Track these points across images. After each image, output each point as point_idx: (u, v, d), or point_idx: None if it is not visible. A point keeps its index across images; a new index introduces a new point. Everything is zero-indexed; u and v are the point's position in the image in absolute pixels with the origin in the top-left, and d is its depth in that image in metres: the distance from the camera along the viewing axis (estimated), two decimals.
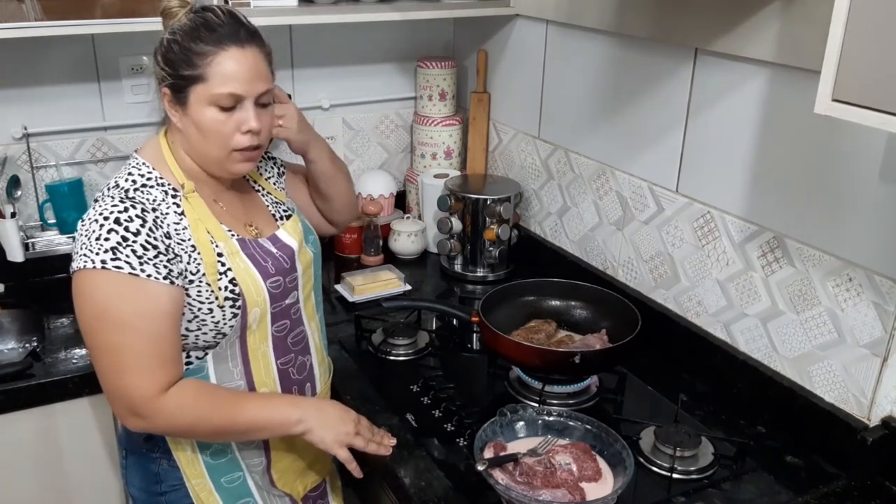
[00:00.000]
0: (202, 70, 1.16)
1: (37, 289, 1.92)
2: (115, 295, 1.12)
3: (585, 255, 1.91)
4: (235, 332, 1.23)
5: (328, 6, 1.86)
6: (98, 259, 1.11)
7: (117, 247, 1.11)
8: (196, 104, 1.18)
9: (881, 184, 1.22)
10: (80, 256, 1.12)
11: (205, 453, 1.28)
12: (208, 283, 1.19)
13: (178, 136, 1.24)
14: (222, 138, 1.20)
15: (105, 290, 1.12)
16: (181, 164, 1.24)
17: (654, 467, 1.30)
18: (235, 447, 1.30)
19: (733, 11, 1.38)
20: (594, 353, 1.47)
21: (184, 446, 1.27)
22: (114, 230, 1.12)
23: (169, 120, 1.25)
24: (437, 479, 1.27)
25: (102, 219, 1.13)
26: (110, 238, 1.11)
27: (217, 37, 1.16)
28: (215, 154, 1.22)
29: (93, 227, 1.13)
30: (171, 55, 1.17)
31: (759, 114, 1.40)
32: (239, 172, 1.26)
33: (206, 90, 1.16)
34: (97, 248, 1.11)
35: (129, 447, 1.32)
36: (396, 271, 2.02)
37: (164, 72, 1.18)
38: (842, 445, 1.31)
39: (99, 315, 1.12)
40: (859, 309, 1.27)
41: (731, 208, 1.48)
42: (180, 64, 1.16)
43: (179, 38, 1.17)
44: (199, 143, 1.21)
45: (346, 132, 2.27)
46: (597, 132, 1.81)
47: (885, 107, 0.85)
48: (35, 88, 1.88)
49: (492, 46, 2.16)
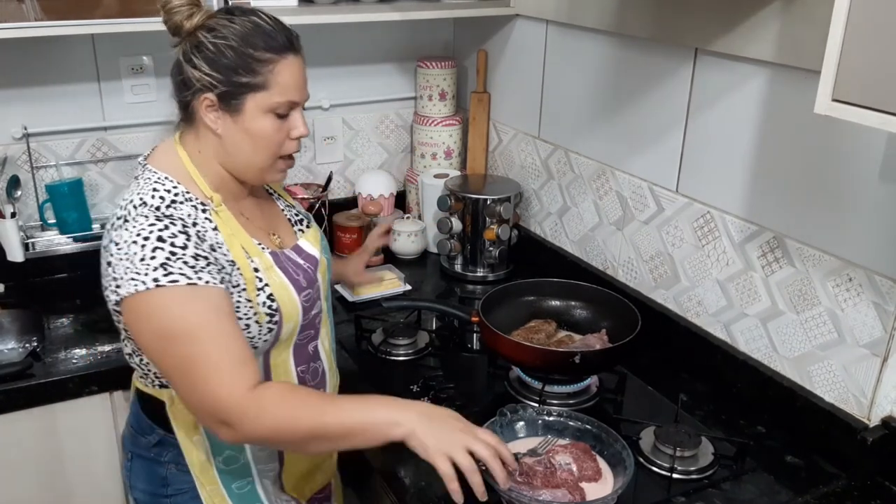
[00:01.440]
0: (264, 78, 1.13)
1: (37, 289, 1.92)
2: (175, 309, 1.06)
3: (585, 255, 1.92)
4: (266, 346, 1.22)
5: (328, 6, 1.86)
6: (149, 279, 1.05)
7: (167, 262, 1.06)
8: (252, 112, 1.15)
9: (881, 184, 1.22)
10: (128, 281, 1.06)
11: (217, 459, 1.25)
12: (248, 300, 1.16)
13: (209, 143, 1.19)
14: (274, 146, 1.19)
15: (164, 308, 1.06)
16: (205, 174, 1.19)
17: (654, 467, 1.30)
18: (249, 453, 1.27)
19: (733, 11, 1.38)
20: (594, 353, 1.47)
21: (198, 451, 1.24)
22: (159, 248, 1.07)
23: (189, 127, 1.20)
24: (438, 479, 1.26)
25: (142, 239, 1.08)
26: (157, 256, 1.06)
27: (277, 44, 1.14)
28: (262, 162, 1.19)
29: (133, 249, 1.07)
30: (225, 61, 1.12)
31: (759, 114, 1.40)
32: (277, 180, 1.26)
33: (267, 98, 1.14)
34: (145, 269, 1.06)
35: (135, 451, 1.30)
36: (396, 271, 2.02)
37: (211, 78, 1.13)
38: (842, 445, 1.31)
39: (164, 334, 1.07)
40: (859, 309, 1.27)
41: (731, 208, 1.48)
42: (237, 70, 1.13)
43: (235, 44, 1.12)
44: (246, 152, 1.18)
45: (346, 132, 2.27)
46: (597, 132, 1.81)
47: (885, 107, 0.85)
48: (35, 88, 1.88)
49: (492, 46, 2.16)
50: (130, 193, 1.15)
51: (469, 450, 1.06)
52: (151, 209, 1.11)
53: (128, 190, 1.17)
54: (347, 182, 2.33)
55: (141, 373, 1.24)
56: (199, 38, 1.14)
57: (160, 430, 1.25)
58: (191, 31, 1.14)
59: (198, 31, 1.14)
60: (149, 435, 1.26)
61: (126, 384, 1.59)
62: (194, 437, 1.24)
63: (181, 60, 1.16)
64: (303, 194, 2.11)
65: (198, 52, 1.14)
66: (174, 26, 1.15)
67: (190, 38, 1.15)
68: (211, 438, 1.24)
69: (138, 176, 1.18)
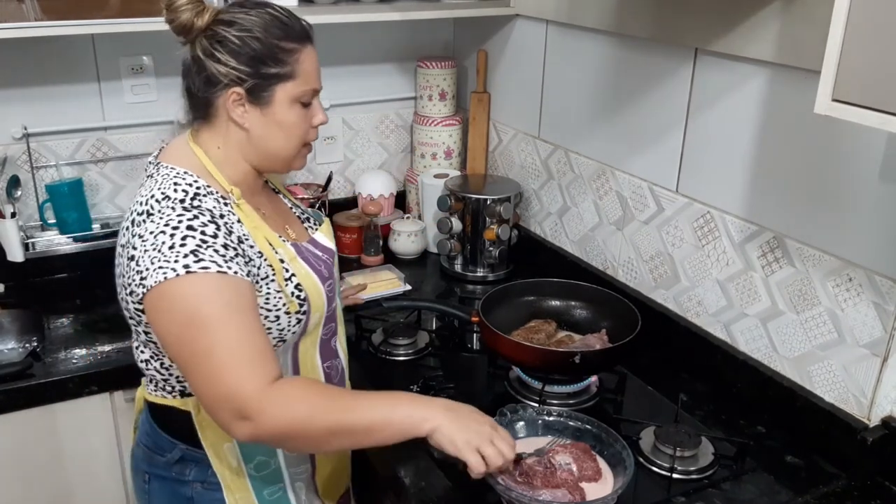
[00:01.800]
0: (291, 67, 1.13)
1: (37, 289, 1.91)
2: (202, 296, 1.03)
3: (585, 255, 1.91)
4: (294, 338, 1.21)
5: (328, 6, 1.86)
6: (180, 265, 1.02)
7: (197, 249, 1.04)
8: (281, 103, 1.15)
9: (881, 184, 1.22)
10: (156, 271, 1.03)
11: (249, 466, 1.22)
12: (277, 290, 1.15)
13: (232, 138, 1.17)
14: (301, 134, 1.20)
15: (192, 295, 1.03)
16: (223, 170, 1.18)
17: (654, 467, 1.30)
18: (281, 457, 1.25)
19: (733, 11, 1.38)
20: (594, 353, 1.47)
21: (230, 459, 1.21)
22: (189, 236, 1.05)
23: (206, 124, 1.18)
24: (437, 479, 1.27)
25: (171, 229, 1.05)
26: (187, 243, 1.04)
27: (297, 33, 1.15)
28: (290, 152, 1.20)
29: (161, 238, 1.05)
30: (252, 53, 1.11)
31: (759, 114, 1.40)
32: (300, 167, 1.26)
33: (295, 88, 1.15)
34: (174, 256, 1.03)
35: (153, 471, 1.24)
36: (396, 271, 2.02)
37: (239, 72, 1.12)
38: (842, 445, 1.31)
39: (187, 321, 1.03)
40: (859, 309, 1.27)
41: (731, 208, 1.48)
42: (265, 61, 1.12)
43: (260, 35, 1.11)
44: (276, 143, 1.18)
45: (346, 132, 2.27)
46: (597, 132, 1.81)
47: (885, 107, 0.85)
48: (35, 88, 1.88)
49: (492, 46, 2.15)
50: (147, 190, 1.12)
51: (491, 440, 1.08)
52: (176, 202, 1.09)
53: (142, 188, 1.15)
54: (347, 182, 2.33)
55: (159, 382, 1.20)
56: (219, 32, 1.12)
57: (182, 444, 1.21)
58: (203, 27, 1.12)
59: (214, 26, 1.12)
60: (168, 452, 1.22)
61: (126, 384, 1.61)
62: (225, 446, 1.20)
63: (201, 57, 1.13)
64: (303, 194, 2.11)
65: (221, 47, 1.12)
66: (182, 25, 1.12)
67: (205, 34, 1.13)
68: (242, 445, 1.20)
69: (152, 174, 1.16)
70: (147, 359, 1.19)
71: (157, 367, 1.19)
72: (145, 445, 1.25)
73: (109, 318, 1.77)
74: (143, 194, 1.13)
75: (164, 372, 1.18)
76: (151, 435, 1.24)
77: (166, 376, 1.19)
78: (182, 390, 1.19)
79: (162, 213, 1.07)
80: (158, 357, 1.17)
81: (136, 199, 1.14)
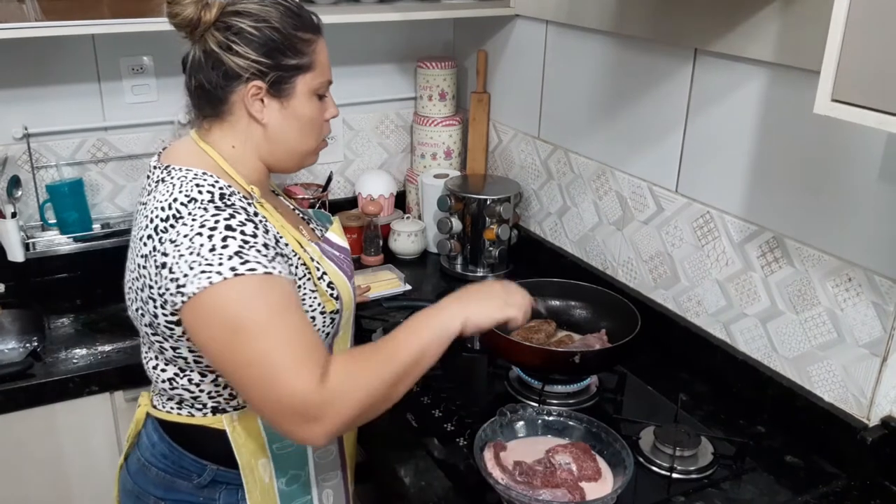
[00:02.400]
0: (309, 58, 1.11)
1: (37, 289, 1.92)
2: (249, 300, 0.98)
3: (585, 255, 1.92)
4: (327, 340, 1.18)
5: (328, 6, 1.86)
6: (225, 268, 0.97)
7: (241, 250, 0.98)
8: (302, 95, 1.12)
9: (881, 184, 1.22)
10: (197, 276, 0.97)
11: (280, 481, 1.18)
12: (313, 289, 1.12)
13: (249, 136, 1.13)
14: (319, 128, 1.17)
15: (239, 299, 0.97)
16: (239, 169, 1.13)
17: (654, 467, 1.30)
18: (311, 468, 1.22)
19: (733, 12, 1.38)
20: (594, 352, 1.47)
21: (262, 475, 1.16)
22: (229, 236, 0.99)
23: (218, 122, 1.13)
24: (437, 479, 1.27)
25: (208, 230, 0.99)
26: (228, 244, 0.98)
27: (311, 24, 1.12)
28: (309, 146, 1.17)
29: (198, 241, 0.99)
30: (272, 43, 1.07)
31: (758, 114, 1.40)
32: (313, 163, 1.23)
33: (314, 79, 1.12)
34: (218, 259, 0.97)
35: (172, 497, 1.17)
36: (396, 271, 2.02)
37: (260, 64, 1.07)
38: (841, 445, 1.31)
39: (235, 327, 0.97)
40: (859, 309, 1.28)
41: (731, 208, 1.49)
42: (285, 52, 1.08)
43: (279, 25, 1.07)
44: (295, 138, 1.14)
45: (346, 132, 2.27)
46: (597, 132, 1.81)
47: (884, 107, 0.85)
48: (35, 88, 1.88)
49: (492, 47, 2.16)
50: (165, 195, 1.05)
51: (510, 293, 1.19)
52: (205, 203, 1.03)
53: (156, 193, 1.08)
54: (347, 182, 2.33)
55: (187, 401, 1.15)
56: (233, 24, 1.07)
57: (213, 465, 1.15)
58: (212, 21, 1.07)
59: (224, 18, 1.08)
60: (198, 475, 1.15)
61: (127, 384, 1.61)
62: (260, 461, 1.16)
63: (216, 51, 1.08)
64: (303, 194, 2.11)
65: (238, 38, 1.07)
66: (188, 20, 1.07)
67: (216, 27, 1.08)
68: (276, 459, 1.17)
69: (164, 179, 1.09)
70: (171, 377, 1.13)
71: (184, 385, 1.13)
72: (161, 470, 1.17)
73: (110, 318, 1.77)
74: (160, 199, 1.05)
75: (193, 389, 1.13)
76: (171, 458, 1.17)
77: (196, 393, 1.13)
78: (215, 407, 1.14)
79: (193, 215, 1.01)
80: (186, 373, 1.12)
81: (149, 205, 1.07)
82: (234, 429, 1.14)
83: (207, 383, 1.12)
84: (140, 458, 1.20)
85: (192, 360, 1.10)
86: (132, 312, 1.13)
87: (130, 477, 1.21)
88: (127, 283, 1.12)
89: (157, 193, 1.07)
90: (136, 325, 1.14)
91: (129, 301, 1.12)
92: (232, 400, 1.14)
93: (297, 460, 1.20)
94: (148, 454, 1.19)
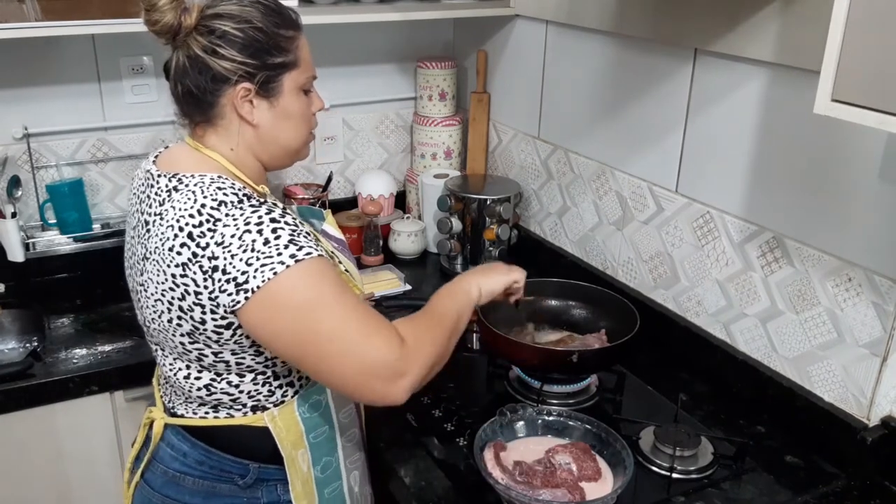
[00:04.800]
0: (294, 55, 1.12)
1: (37, 289, 1.91)
2: (316, 280, 1.02)
3: (585, 255, 1.92)
4: None
5: (328, 6, 1.86)
6: (286, 256, 1.00)
7: (294, 238, 1.02)
8: (290, 92, 1.13)
9: (881, 184, 1.22)
10: (258, 271, 0.99)
11: (316, 469, 1.20)
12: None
13: (242, 138, 1.13)
14: (308, 123, 1.19)
15: (305, 283, 1.01)
16: (242, 170, 1.14)
17: (654, 467, 1.30)
18: (340, 452, 1.24)
19: (733, 12, 1.38)
20: (591, 352, 1.47)
21: (301, 466, 1.18)
22: (278, 228, 1.02)
23: (210, 127, 1.13)
24: (437, 479, 1.27)
25: (255, 225, 1.01)
26: (281, 235, 1.01)
27: (292, 21, 1.13)
28: (300, 142, 1.19)
29: (248, 238, 1.00)
30: (257, 44, 1.08)
31: (758, 114, 1.40)
32: (306, 157, 1.25)
33: (300, 76, 1.13)
34: (275, 251, 1.00)
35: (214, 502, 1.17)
36: (396, 271, 2.02)
37: (247, 66, 1.07)
38: (841, 445, 1.31)
39: (312, 308, 1.01)
40: (859, 309, 1.28)
41: (731, 208, 1.49)
42: (270, 51, 1.09)
43: (261, 25, 1.08)
44: (287, 134, 1.16)
45: (346, 132, 2.27)
46: (597, 132, 1.81)
47: (884, 107, 0.85)
48: (35, 88, 1.88)
49: (492, 46, 2.16)
50: (189, 203, 1.04)
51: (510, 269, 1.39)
52: (237, 203, 1.04)
53: (172, 203, 1.06)
54: (347, 182, 2.33)
55: (225, 404, 1.15)
56: (215, 27, 1.07)
57: (254, 463, 1.16)
58: (193, 25, 1.07)
59: (207, 22, 1.07)
60: (240, 478, 1.16)
61: (127, 384, 1.61)
62: (300, 451, 1.18)
63: (202, 56, 1.07)
64: (303, 194, 2.11)
65: (223, 42, 1.07)
66: (168, 26, 1.06)
67: (199, 32, 1.07)
68: (312, 448, 1.19)
69: (176, 187, 1.07)
70: (207, 383, 1.13)
71: (223, 389, 1.13)
72: (199, 477, 1.16)
73: (110, 318, 1.77)
74: (184, 208, 1.04)
75: (233, 392, 1.13)
76: (209, 463, 1.16)
77: (235, 395, 1.13)
78: (255, 405, 1.15)
79: (233, 215, 1.02)
80: (224, 377, 1.12)
81: (169, 214, 1.05)
82: (276, 424, 1.15)
83: (247, 383, 1.13)
84: (167, 471, 1.18)
85: (233, 362, 1.10)
86: (159, 324, 1.10)
87: (157, 491, 1.19)
88: (152, 297, 1.08)
89: (174, 203, 1.06)
90: (161, 337, 1.12)
91: (157, 313, 1.09)
92: (271, 396, 1.15)
93: (328, 447, 1.23)
94: (178, 465, 1.18)
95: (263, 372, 1.13)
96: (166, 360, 1.16)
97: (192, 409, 1.18)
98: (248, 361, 1.11)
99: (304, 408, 1.18)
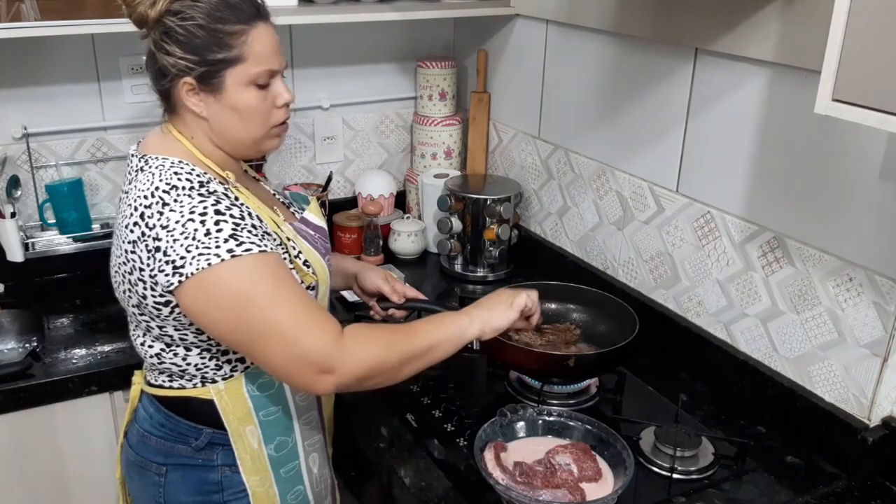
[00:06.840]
0: (238, 50, 1.12)
1: (37, 289, 1.91)
2: (253, 276, 1.06)
3: (585, 255, 1.91)
4: None
5: (328, 6, 1.86)
6: (223, 250, 1.05)
7: (235, 233, 1.07)
8: (234, 87, 1.14)
9: (881, 184, 1.22)
10: (195, 259, 1.05)
11: (269, 447, 1.25)
12: (291, 266, 1.17)
13: (198, 128, 1.18)
14: (263, 117, 1.19)
15: (241, 278, 1.06)
16: (208, 157, 1.19)
17: (655, 467, 1.30)
18: (298, 434, 1.28)
19: (733, 11, 1.38)
20: (588, 356, 1.47)
21: (250, 442, 1.23)
22: (221, 220, 1.07)
23: (174, 116, 1.20)
24: (437, 479, 1.27)
25: (199, 215, 1.07)
26: (223, 228, 1.07)
27: (244, 14, 1.13)
28: (255, 135, 1.20)
29: (191, 226, 1.06)
30: (196, 41, 1.11)
31: (759, 114, 1.40)
32: (272, 149, 1.26)
33: (245, 71, 1.14)
34: (214, 242, 1.05)
35: (173, 461, 1.24)
36: (396, 271, 2.02)
37: (186, 61, 1.12)
38: (842, 445, 1.31)
39: (244, 303, 1.06)
40: (859, 309, 1.27)
41: (732, 208, 1.48)
42: (210, 48, 1.11)
43: (203, 22, 1.11)
44: (237, 128, 1.18)
45: (346, 132, 2.27)
46: (597, 132, 1.81)
47: (885, 107, 0.85)
48: (35, 88, 1.88)
49: (492, 46, 2.15)
50: (146, 183, 1.12)
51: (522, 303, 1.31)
52: (188, 190, 1.10)
53: (136, 182, 1.14)
54: (347, 182, 2.33)
55: (175, 375, 1.21)
56: (166, 23, 1.12)
57: (208, 428, 1.22)
58: (156, 18, 1.12)
59: (164, 18, 1.12)
60: (195, 438, 1.22)
61: (127, 384, 1.59)
62: (248, 428, 1.22)
63: (153, 50, 1.14)
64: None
65: (168, 38, 1.12)
66: (139, 17, 1.13)
67: (157, 26, 1.13)
68: (263, 426, 1.24)
69: (142, 168, 1.15)
70: (158, 352, 1.20)
71: (171, 360, 1.19)
72: (160, 437, 1.24)
73: (109, 317, 1.77)
74: (141, 188, 1.12)
75: (180, 363, 1.19)
76: (168, 426, 1.24)
77: (183, 367, 1.19)
78: (204, 378, 1.20)
79: (180, 202, 1.08)
80: (172, 349, 1.18)
81: (131, 193, 1.13)
82: (221, 398, 1.21)
83: (194, 356, 1.19)
84: (139, 430, 1.27)
85: (177, 337, 1.17)
86: (119, 294, 1.20)
87: (132, 448, 1.29)
88: (113, 268, 1.19)
89: (137, 182, 1.14)
90: (123, 305, 1.21)
91: (116, 284, 1.19)
92: (218, 371, 1.20)
93: (283, 427, 1.27)
94: (146, 425, 1.26)
95: (208, 349, 1.18)
96: (130, 326, 1.25)
97: (153, 377, 1.25)
98: (190, 338, 1.17)
99: (252, 386, 1.22)
